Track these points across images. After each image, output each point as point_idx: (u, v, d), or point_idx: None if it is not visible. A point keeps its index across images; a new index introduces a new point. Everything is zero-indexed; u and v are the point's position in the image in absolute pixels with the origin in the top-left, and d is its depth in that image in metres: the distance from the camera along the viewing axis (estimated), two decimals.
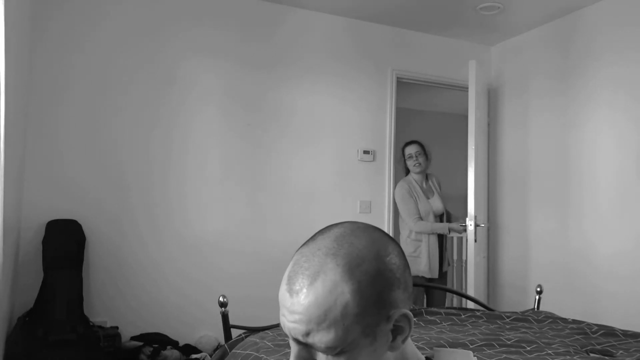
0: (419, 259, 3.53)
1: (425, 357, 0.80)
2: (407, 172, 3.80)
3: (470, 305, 3.61)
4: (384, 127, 4.14)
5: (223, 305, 2.12)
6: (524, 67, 4.23)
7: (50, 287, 2.83)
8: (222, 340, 3.11)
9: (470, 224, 3.82)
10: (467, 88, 4.01)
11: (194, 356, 3.15)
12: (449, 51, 4.41)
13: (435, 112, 6.76)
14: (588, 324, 2.21)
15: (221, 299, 2.12)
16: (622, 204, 3.38)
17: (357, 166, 4.01)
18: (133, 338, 3.17)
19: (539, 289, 2.64)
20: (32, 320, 2.79)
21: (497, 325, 2.21)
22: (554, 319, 2.32)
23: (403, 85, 4.38)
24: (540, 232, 4.00)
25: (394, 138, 4.16)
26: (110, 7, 3.33)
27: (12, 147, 2.48)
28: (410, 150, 3.74)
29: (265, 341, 1.86)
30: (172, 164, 3.46)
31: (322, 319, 0.64)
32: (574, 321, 2.28)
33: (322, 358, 0.67)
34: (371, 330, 0.66)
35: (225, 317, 2.14)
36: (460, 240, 4.78)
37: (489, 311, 2.48)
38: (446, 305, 4.12)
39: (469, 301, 3.65)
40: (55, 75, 3.18)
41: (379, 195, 4.08)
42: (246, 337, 2.00)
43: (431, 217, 3.63)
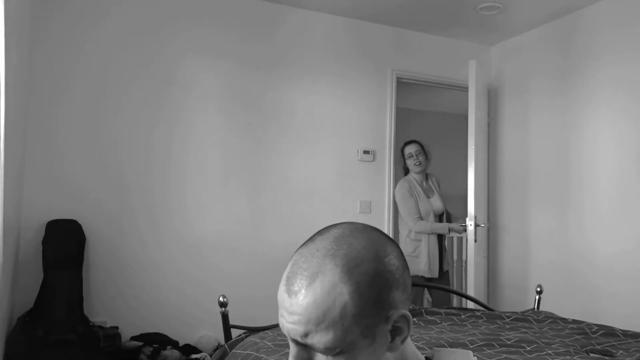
0: (419, 259, 3.53)
1: (425, 357, 0.80)
2: (406, 172, 3.80)
3: (470, 305, 3.61)
4: (384, 127, 4.14)
5: (223, 305, 2.12)
6: (524, 67, 4.23)
7: (50, 287, 2.83)
8: (222, 340, 3.11)
9: (470, 224, 3.82)
10: (467, 88, 4.01)
11: (194, 356, 3.15)
12: (449, 51, 4.41)
13: (435, 112, 6.76)
14: (588, 324, 2.21)
15: (221, 299, 2.12)
16: (622, 204, 3.38)
17: (357, 166, 4.01)
18: (133, 338, 3.17)
19: (539, 289, 2.64)
20: (32, 320, 2.79)
21: (497, 325, 2.21)
22: (554, 319, 2.32)
23: (403, 85, 4.37)
24: (540, 232, 4.00)
25: (394, 138, 4.16)
26: (110, 7, 3.33)
27: (12, 147, 2.48)
28: (410, 149, 3.74)
29: (265, 341, 1.86)
30: (172, 164, 3.46)
31: (320, 320, 0.64)
32: (574, 321, 2.28)
33: (321, 359, 0.67)
34: (370, 331, 0.66)
35: (225, 317, 2.14)
36: (460, 240, 4.78)
37: (489, 311, 2.48)
38: (448, 304, 4.12)
39: (469, 301, 3.65)
40: (55, 75, 3.18)
41: (379, 195, 4.08)
42: (246, 337, 2.00)
43: (431, 217, 3.63)
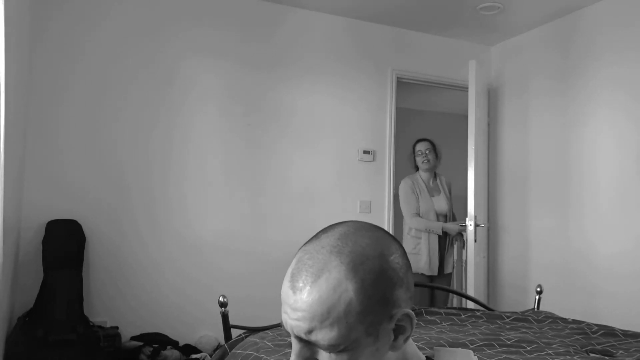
0: (419, 256, 3.55)
1: (426, 357, 0.80)
2: (416, 168, 3.83)
3: (470, 305, 3.61)
4: (384, 127, 4.14)
5: (223, 305, 2.12)
6: (524, 67, 4.23)
7: (50, 287, 2.83)
8: (222, 340, 3.11)
9: (470, 224, 3.82)
10: (467, 88, 4.01)
11: (194, 356, 3.15)
12: (449, 51, 4.41)
13: (435, 112, 6.76)
14: (588, 324, 2.21)
15: (221, 299, 2.12)
16: (622, 204, 3.38)
17: (357, 166, 4.01)
18: (133, 338, 3.17)
19: (539, 289, 2.64)
20: (32, 320, 2.79)
21: (497, 325, 2.21)
22: (554, 319, 2.32)
23: (403, 85, 4.38)
24: (540, 232, 4.00)
25: (394, 138, 4.16)
26: (110, 7, 3.33)
27: (12, 147, 2.48)
28: (421, 147, 3.79)
29: (265, 341, 1.86)
30: (172, 164, 3.46)
31: (325, 317, 0.64)
32: (574, 321, 2.28)
33: (325, 356, 0.66)
34: (374, 329, 0.66)
35: (225, 317, 2.14)
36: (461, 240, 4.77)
37: (489, 311, 2.48)
38: (448, 304, 4.12)
39: (469, 301, 3.65)
40: (55, 75, 3.18)
41: (379, 195, 4.08)
42: (246, 337, 2.00)
43: (432, 216, 3.64)
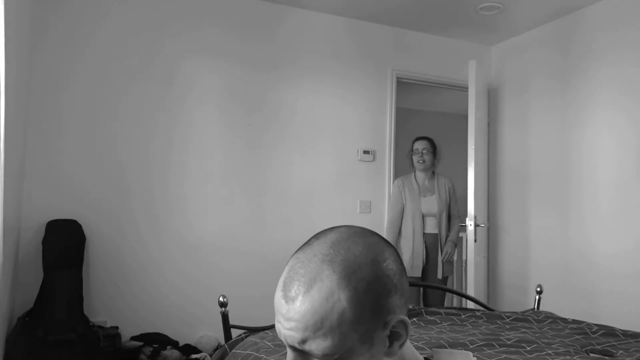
0: (402, 256, 3.56)
1: (425, 358, 0.80)
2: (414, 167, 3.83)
3: (470, 305, 3.61)
4: (384, 127, 4.14)
5: (223, 305, 2.12)
6: (524, 67, 4.23)
7: (50, 287, 2.83)
8: (222, 340, 3.11)
9: (470, 224, 3.82)
10: (467, 88, 4.01)
11: (194, 356, 3.15)
12: (449, 51, 4.41)
13: (435, 112, 6.76)
14: (588, 324, 2.21)
15: (221, 299, 2.12)
16: (622, 204, 3.38)
17: (357, 166, 4.01)
18: (133, 338, 3.17)
19: (538, 289, 2.64)
20: (32, 320, 2.79)
21: (497, 325, 2.21)
22: (554, 319, 2.32)
23: (403, 85, 4.37)
24: (540, 232, 4.00)
25: (394, 138, 4.16)
26: (110, 7, 3.33)
27: (12, 147, 2.48)
28: (418, 145, 3.74)
29: (265, 341, 1.86)
30: (172, 164, 3.46)
31: (318, 327, 0.64)
32: (574, 321, 2.28)
33: None
34: (368, 337, 0.65)
35: (225, 317, 2.14)
36: (461, 240, 4.77)
37: (489, 311, 2.48)
38: (444, 306, 4.12)
39: (469, 301, 3.65)
40: (55, 75, 3.18)
41: (379, 195, 4.08)
42: (246, 337, 2.00)
43: (418, 217, 3.63)
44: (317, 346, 0.64)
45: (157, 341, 3.14)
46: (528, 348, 1.79)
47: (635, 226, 3.29)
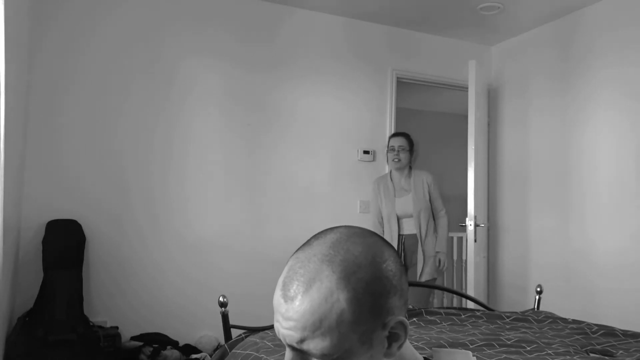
0: None
1: (424, 358, 0.80)
2: None
3: (470, 305, 3.61)
4: (384, 127, 4.14)
5: (223, 305, 2.12)
6: (524, 67, 4.23)
7: (50, 287, 2.83)
8: (222, 340, 3.11)
9: (470, 224, 3.82)
10: (467, 88, 4.01)
11: (194, 356, 3.15)
12: (449, 51, 4.41)
13: (435, 112, 6.76)
14: (588, 324, 2.21)
15: (221, 299, 2.12)
16: (622, 204, 3.38)
17: (357, 166, 4.01)
18: (133, 338, 3.17)
19: (538, 289, 2.64)
20: (32, 320, 2.79)
21: (497, 325, 2.21)
22: (554, 319, 2.32)
23: (403, 85, 4.37)
24: (540, 232, 4.00)
25: None
26: (111, 7, 3.33)
27: (12, 146, 2.48)
28: (394, 142, 3.50)
29: (265, 341, 1.86)
30: (173, 164, 3.46)
31: (317, 327, 0.64)
32: (574, 321, 2.28)
33: None
34: (367, 338, 0.65)
35: (225, 317, 2.14)
36: (460, 240, 4.78)
37: (489, 311, 2.48)
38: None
39: (469, 301, 3.65)
40: (55, 75, 3.18)
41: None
42: (246, 337, 2.00)
43: (393, 220, 3.44)
44: (315, 346, 0.64)
45: (157, 341, 3.14)
46: (528, 348, 1.79)
47: (635, 226, 3.29)
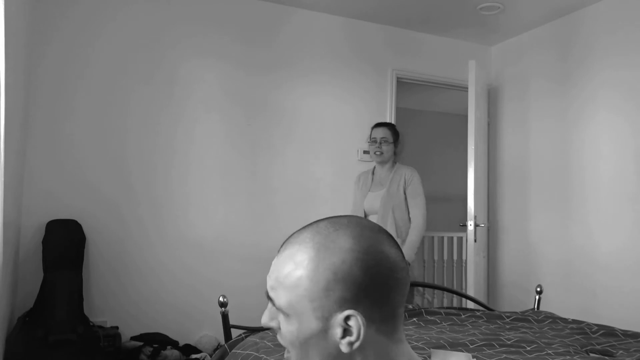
0: None
1: (423, 359, 0.80)
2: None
3: (470, 305, 3.61)
4: None
5: (223, 305, 2.12)
6: (524, 67, 4.23)
7: (50, 287, 2.83)
8: (222, 340, 3.11)
9: (470, 224, 3.82)
10: (467, 88, 4.00)
11: (194, 356, 3.15)
12: (449, 51, 4.41)
13: (435, 112, 6.76)
14: (588, 324, 2.21)
15: (221, 299, 2.12)
16: (621, 204, 3.38)
17: (357, 166, 4.01)
18: (133, 338, 3.17)
19: (538, 289, 2.64)
20: (32, 320, 2.79)
21: (497, 325, 2.21)
22: (553, 319, 2.32)
23: (403, 85, 4.37)
24: (540, 232, 4.00)
25: None
26: (114, 11, 3.34)
27: (12, 146, 2.48)
28: (377, 134, 3.18)
29: (265, 341, 1.86)
30: (174, 165, 3.46)
31: (280, 281, 0.72)
32: (574, 321, 2.28)
33: (281, 318, 0.73)
34: (322, 316, 0.69)
35: (225, 317, 2.14)
36: (460, 240, 4.78)
37: (488, 311, 2.48)
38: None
39: (469, 301, 3.65)
40: (56, 76, 3.19)
41: None
42: (246, 337, 2.00)
43: (360, 215, 3.11)
44: (277, 296, 0.72)
45: (157, 341, 3.14)
46: (528, 348, 1.79)
47: (635, 226, 3.29)
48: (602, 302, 3.46)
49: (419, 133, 6.28)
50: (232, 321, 2.21)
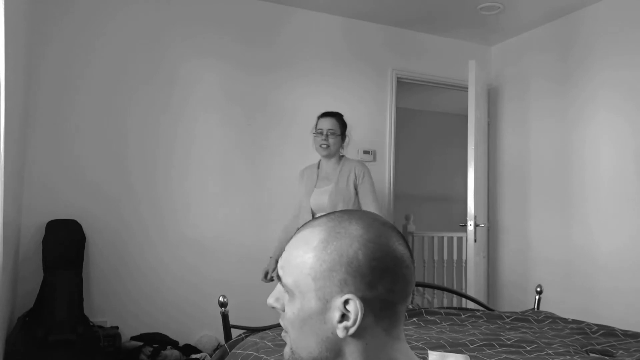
0: None
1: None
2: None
3: (470, 305, 3.61)
4: (384, 127, 4.14)
5: (223, 305, 2.12)
6: (524, 67, 4.23)
7: (50, 287, 2.82)
8: (222, 340, 3.11)
9: (470, 224, 3.82)
10: (467, 88, 4.01)
11: (194, 356, 3.15)
12: (449, 51, 4.41)
13: (435, 112, 6.76)
14: (588, 324, 2.21)
15: (221, 299, 2.13)
16: (621, 204, 3.38)
17: None
18: (133, 338, 3.17)
19: (538, 289, 2.64)
20: (32, 320, 2.79)
21: (497, 325, 2.21)
22: (553, 319, 2.32)
23: (403, 85, 4.37)
24: (540, 232, 4.00)
25: (394, 138, 4.16)
26: (114, 10, 3.33)
27: (12, 146, 2.48)
28: (323, 124, 2.88)
29: (265, 341, 1.86)
30: (174, 165, 3.46)
31: (290, 259, 0.75)
32: (574, 321, 2.28)
33: (285, 299, 0.75)
34: (323, 297, 0.70)
35: (225, 317, 2.14)
36: (460, 240, 4.78)
37: (488, 311, 2.48)
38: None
39: (469, 301, 3.65)
40: (56, 75, 3.19)
41: (378, 195, 4.07)
42: (246, 337, 2.00)
43: (306, 214, 2.88)
44: (284, 273, 0.75)
45: (157, 341, 3.14)
46: (528, 348, 1.79)
47: (636, 226, 3.29)
48: (602, 302, 3.46)
49: (419, 133, 6.28)
50: (232, 321, 2.21)
